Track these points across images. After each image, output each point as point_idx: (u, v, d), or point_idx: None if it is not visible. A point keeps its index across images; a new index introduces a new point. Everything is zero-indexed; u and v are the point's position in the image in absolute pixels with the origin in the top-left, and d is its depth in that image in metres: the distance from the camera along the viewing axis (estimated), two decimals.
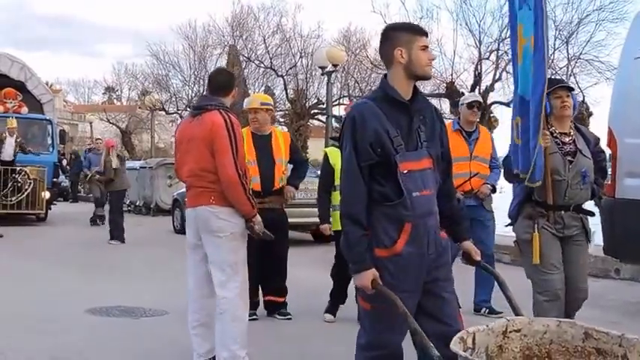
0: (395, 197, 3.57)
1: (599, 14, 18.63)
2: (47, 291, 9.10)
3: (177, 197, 17.87)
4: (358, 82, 27.41)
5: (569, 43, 18.89)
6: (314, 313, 7.58)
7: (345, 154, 3.65)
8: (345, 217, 3.59)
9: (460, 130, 7.66)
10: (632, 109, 7.71)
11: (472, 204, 7.55)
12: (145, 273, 10.85)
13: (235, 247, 5.20)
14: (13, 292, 9.03)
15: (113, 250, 13.64)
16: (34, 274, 10.64)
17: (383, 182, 3.59)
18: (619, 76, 8.47)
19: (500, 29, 19.68)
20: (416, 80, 3.74)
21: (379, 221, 3.59)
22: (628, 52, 8.20)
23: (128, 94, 49.71)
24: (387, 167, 3.56)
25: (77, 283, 9.76)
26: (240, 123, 5.34)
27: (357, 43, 27.48)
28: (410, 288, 3.60)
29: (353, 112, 3.67)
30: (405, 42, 3.67)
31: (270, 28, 28.16)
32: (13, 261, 12.02)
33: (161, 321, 7.53)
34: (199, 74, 30.36)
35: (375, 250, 3.58)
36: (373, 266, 3.53)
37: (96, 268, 11.25)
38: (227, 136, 5.07)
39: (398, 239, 3.57)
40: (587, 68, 19.41)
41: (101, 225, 17.11)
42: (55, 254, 12.79)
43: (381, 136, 3.55)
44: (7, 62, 19.99)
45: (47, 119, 19.87)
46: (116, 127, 42.98)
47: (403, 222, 3.57)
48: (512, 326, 3.26)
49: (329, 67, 19.83)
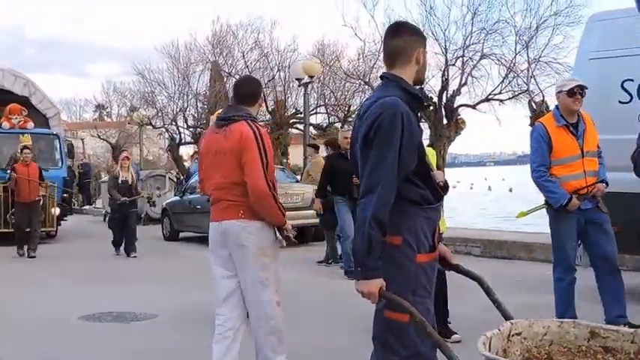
0: (434, 200, 3.30)
1: (556, 19, 18.76)
2: (41, 298, 9.01)
3: (166, 207, 17.80)
4: (333, 91, 27.42)
5: (529, 47, 19.01)
6: (293, 314, 7.53)
7: (385, 153, 3.16)
8: (373, 218, 3.10)
9: (567, 125, 6.31)
10: (587, 107, 7.75)
11: (587, 207, 6.24)
12: (136, 279, 10.77)
13: (266, 262, 4.75)
14: (7, 299, 8.94)
15: (106, 258, 13.52)
16: (29, 281, 10.54)
17: (422, 185, 3.27)
18: (575, 77, 8.50)
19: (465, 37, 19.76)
20: (416, 84, 3.44)
21: (421, 225, 3.25)
22: (582, 53, 8.28)
23: (117, 111, 49.67)
24: (420, 170, 3.26)
25: (70, 290, 9.68)
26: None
27: (331, 55, 27.47)
28: (432, 294, 3.39)
29: (400, 110, 3.17)
30: (423, 46, 3.42)
31: (249, 44, 28.09)
32: (9, 269, 11.92)
33: (151, 324, 7.48)
34: (183, 90, 30.30)
35: (418, 257, 3.22)
36: (382, 275, 3.13)
37: (89, 275, 11.16)
38: (256, 147, 4.66)
39: (433, 244, 3.32)
40: (546, 70, 19.55)
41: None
42: (52, 264, 12.68)
43: (420, 138, 3.29)
44: (11, 78, 18.66)
45: (54, 134, 18.48)
46: (107, 143, 42.80)
47: (434, 226, 3.34)
48: (514, 329, 3.06)
49: (305, 78, 19.79)
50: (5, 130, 17.25)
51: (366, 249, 3.12)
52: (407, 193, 3.23)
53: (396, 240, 3.21)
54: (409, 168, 3.20)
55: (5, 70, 18.87)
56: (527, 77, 19.11)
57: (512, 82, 20.13)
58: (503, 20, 19.69)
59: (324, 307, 7.97)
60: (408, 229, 3.23)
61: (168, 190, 22.16)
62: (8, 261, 13.29)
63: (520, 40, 19.25)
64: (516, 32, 19.23)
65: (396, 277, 3.21)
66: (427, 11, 19.44)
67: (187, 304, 8.36)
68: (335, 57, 26.85)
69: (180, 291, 9.40)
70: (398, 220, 3.20)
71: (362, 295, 3.16)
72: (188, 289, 9.44)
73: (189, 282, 10.11)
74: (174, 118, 30.94)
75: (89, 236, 18.13)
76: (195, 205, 15.56)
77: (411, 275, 3.23)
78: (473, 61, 20.18)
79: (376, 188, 3.14)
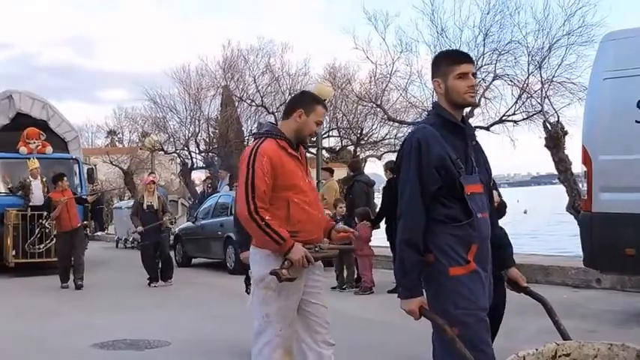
0: (463, 218, 3.39)
1: (569, 39, 18.67)
2: (57, 327, 9.01)
3: (179, 232, 17.81)
4: (345, 114, 27.46)
5: (541, 67, 18.91)
6: None
7: (406, 179, 3.43)
8: (403, 242, 3.38)
9: None
10: (602, 127, 7.72)
11: None
12: (149, 306, 10.77)
13: (268, 296, 4.24)
14: (24, 327, 8.94)
15: (119, 285, 13.53)
16: (45, 309, 10.55)
17: (448, 204, 3.41)
18: (589, 97, 8.49)
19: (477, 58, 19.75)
20: (460, 108, 3.58)
21: (447, 242, 3.39)
22: (597, 73, 8.24)
23: (129, 137, 49.81)
24: (451, 190, 3.39)
25: (84, 317, 9.68)
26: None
27: (343, 78, 27.50)
28: (485, 306, 3.42)
29: (416, 137, 3.43)
30: (442, 73, 3.52)
31: (260, 68, 28.20)
32: (27, 297, 11.93)
33: (164, 352, 7.46)
34: (195, 115, 30.42)
35: (450, 270, 3.36)
36: (423, 294, 3.38)
37: (102, 303, 11.17)
38: (245, 166, 4.25)
39: (468, 259, 3.39)
40: (560, 90, 19.41)
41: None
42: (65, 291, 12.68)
43: (444, 160, 3.38)
44: (28, 101, 17.90)
45: (73, 158, 17.60)
46: (119, 169, 42.96)
47: (470, 244, 3.39)
48: (561, 350, 3.05)
49: None
50: (23, 155, 16.48)
51: (401, 270, 3.41)
52: (433, 213, 3.42)
53: (430, 257, 3.42)
54: (432, 188, 3.39)
55: (22, 93, 18.19)
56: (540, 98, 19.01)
57: (525, 102, 20.06)
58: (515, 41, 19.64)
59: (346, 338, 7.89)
60: (436, 247, 3.41)
61: (181, 216, 22.16)
62: (24, 291, 13.28)
63: (533, 61, 19.17)
64: (529, 52, 19.16)
65: (435, 291, 3.44)
66: (438, 33, 19.39)
67: (200, 332, 8.36)
68: (346, 80, 26.89)
69: (193, 318, 9.39)
70: (428, 239, 3.42)
71: (406, 312, 3.39)
72: (201, 317, 9.44)
73: (202, 309, 10.10)
74: (185, 143, 31.05)
75: (103, 263, 18.14)
76: (208, 230, 15.57)
77: (448, 288, 3.38)
78: (485, 83, 20.13)
79: (403, 213, 3.43)
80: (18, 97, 17.85)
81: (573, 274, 10.65)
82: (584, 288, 10.15)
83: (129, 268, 16.53)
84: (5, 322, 9.44)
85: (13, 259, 15.13)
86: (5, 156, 16.81)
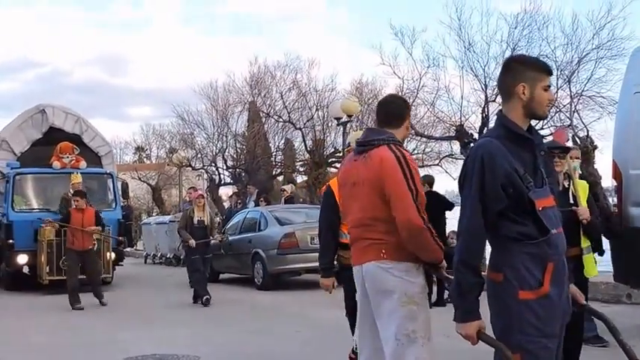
0: (538, 235, 3.22)
1: (598, 52, 18.54)
2: (85, 341, 9.10)
3: None
4: None
5: (571, 81, 18.81)
6: (338, 351, 7.48)
7: (468, 198, 3.26)
8: (460, 263, 3.22)
9: None
10: (633, 141, 7.67)
11: None
12: (177, 321, 10.84)
13: (413, 312, 4.03)
14: (54, 342, 9.04)
15: (148, 300, 13.63)
16: (75, 324, 10.65)
17: (520, 220, 3.23)
18: (620, 111, 8.45)
19: None
20: (532, 119, 3.41)
21: (522, 261, 3.21)
22: (627, 87, 8.20)
23: (157, 153, 50.43)
24: (520, 206, 3.22)
25: (114, 332, 9.76)
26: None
27: (369, 93, 27.58)
28: (555, 332, 3.27)
29: (480, 153, 3.25)
30: (530, 78, 3.32)
31: (287, 84, 28.36)
32: (55, 312, 12.04)
33: None
34: (222, 131, 30.69)
35: (520, 293, 3.18)
36: (481, 317, 3.22)
37: (132, 317, 11.26)
38: (402, 175, 4.01)
39: (543, 280, 3.20)
40: (589, 104, 19.30)
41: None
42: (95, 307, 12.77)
43: (511, 176, 3.20)
44: (62, 115, 17.49)
45: (107, 173, 17.19)
46: (147, 185, 43.29)
47: (546, 261, 3.22)
48: None
49: (344, 117, 19.95)
50: (57, 169, 16.18)
51: (458, 292, 3.25)
52: (504, 230, 3.26)
53: (498, 277, 3.26)
54: (496, 207, 3.23)
55: (56, 107, 17.83)
56: (570, 112, 18.91)
57: (554, 117, 19.97)
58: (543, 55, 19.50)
59: None
60: (508, 266, 3.24)
61: None
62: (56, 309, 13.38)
63: (562, 75, 19.09)
64: (557, 67, 19.06)
65: (500, 313, 3.27)
66: (466, 47, 19.33)
67: (229, 347, 8.41)
68: (373, 95, 26.94)
69: (222, 333, 9.45)
70: (499, 257, 3.28)
71: (462, 337, 3.25)
72: (230, 332, 9.50)
73: (231, 324, 10.15)
74: (213, 159, 31.30)
75: (131, 279, 18.22)
76: (235, 246, 15.64)
77: (514, 313, 3.22)
78: None
79: (462, 234, 3.28)
80: (51, 111, 17.54)
81: (603, 289, 10.56)
82: (614, 303, 10.06)
83: (157, 283, 16.70)
84: (35, 337, 9.57)
85: (47, 276, 14.88)
86: (41, 171, 16.47)
